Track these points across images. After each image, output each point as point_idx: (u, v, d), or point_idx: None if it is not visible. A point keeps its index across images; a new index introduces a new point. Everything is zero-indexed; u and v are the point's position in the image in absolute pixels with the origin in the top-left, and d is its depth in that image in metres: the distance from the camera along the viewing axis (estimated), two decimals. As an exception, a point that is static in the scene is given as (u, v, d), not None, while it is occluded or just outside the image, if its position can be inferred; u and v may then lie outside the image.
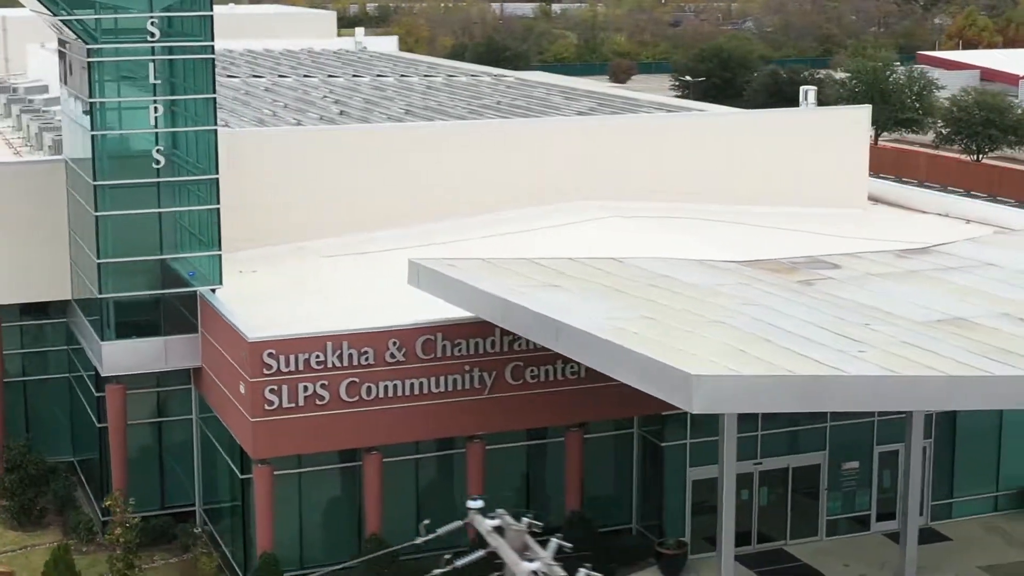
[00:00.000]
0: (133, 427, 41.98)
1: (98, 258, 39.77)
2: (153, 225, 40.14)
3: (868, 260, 41.38)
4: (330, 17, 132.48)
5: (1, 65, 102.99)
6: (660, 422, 40.17)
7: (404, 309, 38.08)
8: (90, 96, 39.10)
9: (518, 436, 40.06)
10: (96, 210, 39.55)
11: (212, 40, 39.85)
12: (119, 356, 40.37)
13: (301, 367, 36.31)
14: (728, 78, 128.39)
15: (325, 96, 67.22)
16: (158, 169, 39.76)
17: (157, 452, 42.61)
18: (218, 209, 40.73)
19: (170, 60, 39.60)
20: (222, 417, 39.21)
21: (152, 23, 39.04)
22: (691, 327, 30.32)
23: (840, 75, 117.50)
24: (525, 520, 22.21)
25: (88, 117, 39.39)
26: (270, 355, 36.00)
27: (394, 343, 36.95)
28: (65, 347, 46.21)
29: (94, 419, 42.73)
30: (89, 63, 38.82)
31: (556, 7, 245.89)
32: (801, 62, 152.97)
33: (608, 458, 41.35)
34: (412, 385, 37.33)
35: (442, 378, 37.56)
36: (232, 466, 38.86)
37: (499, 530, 22.25)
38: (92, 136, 39.14)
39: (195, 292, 40.74)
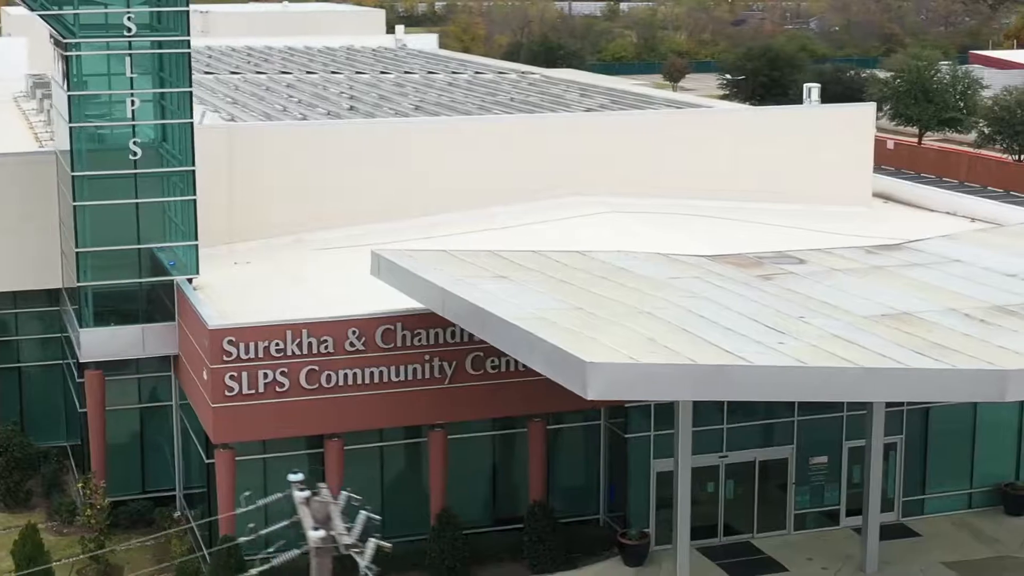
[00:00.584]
0: (115, 413, 43.04)
1: (76, 247, 40.83)
2: (130, 215, 41.11)
3: (836, 256, 41.57)
4: (378, 15, 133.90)
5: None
6: (624, 414, 40.62)
7: (388, 299, 38.65)
8: (68, 89, 40.15)
9: (483, 426, 40.66)
10: (74, 200, 40.61)
11: (188, 35, 40.67)
12: (97, 342, 41.44)
13: (261, 354, 37.15)
14: (776, 77, 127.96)
15: (342, 92, 68.18)
16: (135, 161, 40.71)
17: (138, 437, 43.58)
18: (195, 200, 41.63)
19: (147, 54, 40.51)
20: (192, 403, 40.17)
21: (129, 18, 40.01)
22: (618, 318, 30.78)
23: (884, 74, 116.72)
24: (344, 495, 22.97)
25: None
26: (230, 342, 36.87)
27: (354, 332, 37.69)
28: (59, 335, 47.35)
29: (77, 404, 43.85)
30: (66, 57, 39.87)
31: (624, 6, 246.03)
32: (849, 61, 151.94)
33: (576, 449, 41.84)
34: (372, 373, 38.06)
35: (402, 367, 38.25)
36: (200, 450, 39.79)
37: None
38: (70, 128, 40.19)
39: (172, 281, 41.64)
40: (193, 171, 41.47)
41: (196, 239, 41.71)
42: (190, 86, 41.10)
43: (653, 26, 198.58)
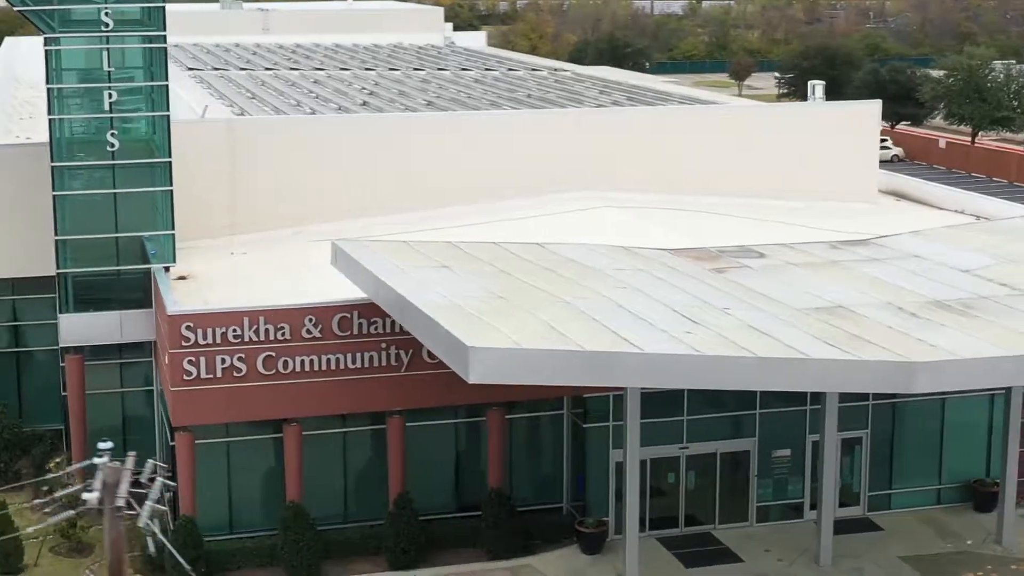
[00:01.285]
0: (99, 396, 44.40)
1: (55, 235, 42.24)
2: (108, 205, 42.43)
3: (797, 250, 42.00)
4: (437, 12, 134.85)
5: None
6: (583, 404, 41.26)
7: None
8: (48, 82, 41.55)
9: (446, 414, 41.47)
10: (53, 189, 42.01)
11: (164, 30, 41.89)
12: (76, 328, 42.83)
13: (219, 340, 38.26)
14: (833, 75, 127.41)
15: (363, 88, 69.31)
16: (113, 152, 42.01)
17: (120, 421, 44.87)
18: (171, 191, 42.85)
19: (124, 49, 41.85)
20: (163, 387, 41.41)
21: (106, 14, 41.30)
22: (533, 306, 31.49)
23: (938, 73, 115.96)
24: (149, 464, 26.60)
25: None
26: (188, 328, 38.02)
27: (310, 320, 38.68)
28: (55, 321, 48.72)
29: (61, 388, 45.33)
30: (46, 51, 41.27)
31: (706, 4, 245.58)
32: (907, 61, 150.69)
33: (539, 439, 42.50)
34: (328, 360, 39.03)
35: (359, 355, 39.18)
36: (167, 433, 41.02)
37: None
38: (49, 120, 41.59)
39: (148, 269, 42.91)
40: (169, 163, 42.63)
41: (172, 229, 42.84)
42: (166, 80, 42.23)
43: (725, 24, 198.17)
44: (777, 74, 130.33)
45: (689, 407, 41.76)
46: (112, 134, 41.97)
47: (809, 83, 61.93)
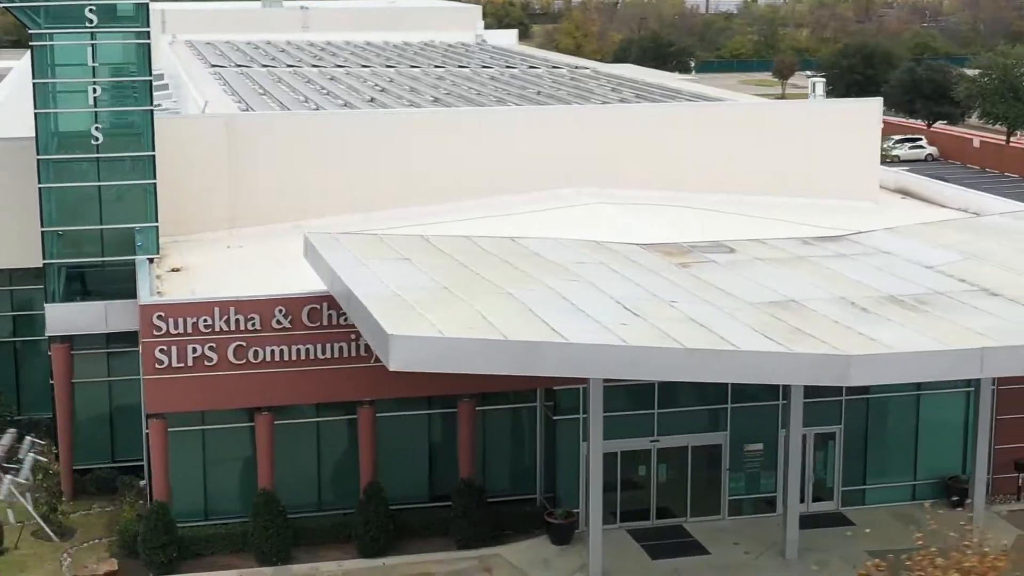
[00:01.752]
0: (86, 385, 45.30)
1: (41, 226, 43.23)
2: (93, 197, 43.37)
3: (768, 246, 42.30)
4: (475, 10, 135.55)
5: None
6: (554, 396, 41.74)
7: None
8: (33, 77, 42.54)
9: (419, 404, 42.06)
10: (39, 182, 43.01)
11: (148, 26, 42.77)
12: (62, 317, 43.71)
13: (190, 330, 39.07)
14: (871, 74, 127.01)
15: (376, 85, 70.06)
16: (97, 146, 42.96)
17: (107, 408, 45.75)
18: (154, 184, 43.74)
19: (107, 45, 42.79)
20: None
21: (90, 10, 42.23)
22: (474, 297, 32.03)
23: (973, 72, 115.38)
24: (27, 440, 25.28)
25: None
26: (159, 317, 38.87)
27: (280, 311, 39.39)
28: (49, 311, 49.88)
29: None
30: (31, 46, 42.26)
31: (762, 2, 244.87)
32: (945, 59, 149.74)
33: (513, 430, 43.00)
34: (298, 351, 39.73)
35: (328, 345, 39.84)
36: (144, 420, 41.87)
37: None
38: (35, 114, 42.58)
39: (132, 260, 43.80)
40: (153, 156, 43.51)
41: (156, 221, 43.73)
42: (150, 75, 43.10)
43: (774, 23, 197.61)
44: (809, 72, 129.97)
45: (660, 401, 42.13)
46: (96, 128, 42.81)
47: (809, 80, 62.24)
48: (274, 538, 39.85)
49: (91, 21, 42.33)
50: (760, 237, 43.82)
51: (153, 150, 43.59)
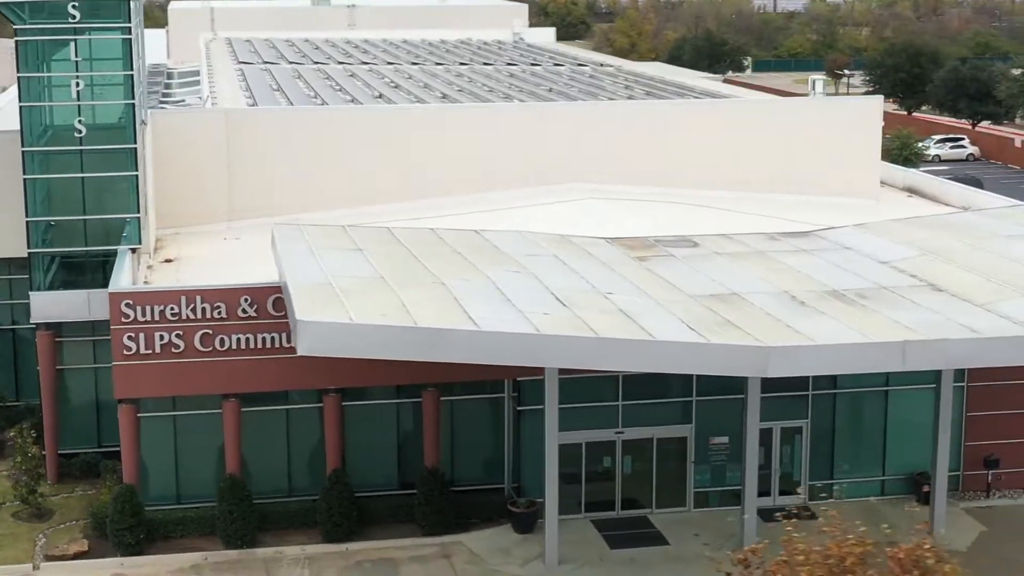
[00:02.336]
0: (73, 371, 46.52)
1: (26, 217, 44.48)
2: (76, 188, 44.56)
3: (734, 240, 42.72)
4: (521, 8, 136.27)
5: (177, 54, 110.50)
6: (518, 387, 42.39)
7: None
8: (18, 71, 43.80)
9: (387, 393, 42.84)
10: (24, 173, 44.26)
11: (129, 22, 43.85)
12: (45, 305, 44.90)
13: (157, 317, 40.11)
14: (917, 73, 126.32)
15: (390, 82, 70.97)
16: (80, 138, 44.14)
17: (93, 395, 46.91)
18: (136, 176, 44.84)
19: (89, 40, 43.94)
20: (118, 362, 43.43)
21: (73, 5, 43.40)
22: (407, 288, 32.79)
23: (1017, 71, 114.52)
24: None
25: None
26: (127, 305, 39.95)
27: (246, 299, 40.31)
28: (49, 299, 51.09)
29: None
30: (16, 41, 43.51)
31: (831, 1, 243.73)
32: (997, 59, 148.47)
33: (481, 420, 43.68)
34: (264, 339, 40.59)
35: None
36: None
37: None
38: (20, 107, 43.84)
39: (115, 250, 44.94)
40: (135, 149, 44.59)
41: (138, 212, 44.81)
42: (132, 69, 44.21)
43: (833, 23, 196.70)
44: (846, 70, 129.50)
45: (624, 393, 42.64)
46: (79, 121, 43.97)
47: (809, 79, 62.07)
48: (239, 522, 40.79)
49: (74, 17, 43.43)
50: (733, 232, 44.21)
51: (135, 142, 44.55)
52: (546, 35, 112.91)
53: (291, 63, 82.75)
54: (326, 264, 35.19)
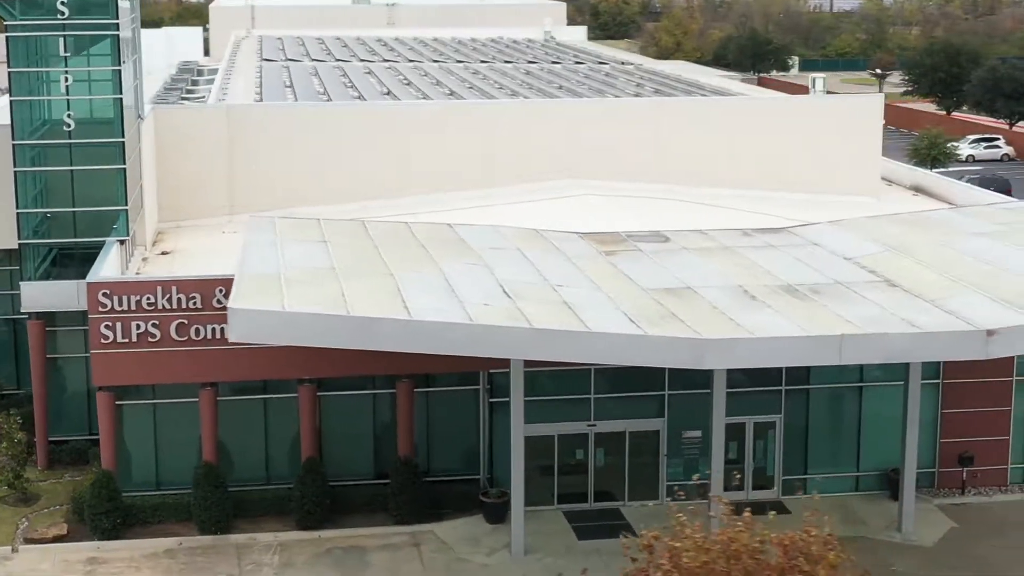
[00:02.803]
0: (65, 360, 47.55)
1: (16, 208, 45.56)
2: (65, 181, 45.60)
3: (707, 236, 43.05)
4: (559, 7, 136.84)
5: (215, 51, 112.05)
6: (491, 379, 42.95)
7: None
8: (9, 66, 44.87)
9: (364, 384, 43.54)
10: (15, 166, 45.32)
11: (117, 18, 44.80)
12: (36, 295, 45.93)
13: (133, 307, 41.01)
14: (956, 72, 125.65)
15: (404, 79, 71.75)
16: (69, 132, 45.17)
17: (84, 383, 47.84)
18: (124, 169, 45.79)
19: (77, 36, 44.91)
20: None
21: (62, 2, 44.39)
22: (353, 279, 33.46)
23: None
24: None
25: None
26: (104, 295, 40.88)
27: (220, 290, 41.02)
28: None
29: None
30: (7, 36, 44.59)
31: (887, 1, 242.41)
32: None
33: (459, 412, 44.23)
34: (238, 329, 41.41)
35: (267, 324, 41.48)
36: (100, 393, 43.94)
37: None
38: (11, 101, 44.92)
39: (103, 241, 45.92)
40: (122, 143, 45.54)
41: (126, 205, 45.77)
42: (119, 65, 45.18)
43: (882, 22, 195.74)
44: (878, 70, 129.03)
45: (596, 386, 43.11)
46: (68, 115, 44.99)
47: (810, 77, 62.22)
48: (214, 508, 41.62)
49: (63, 13, 44.42)
50: (712, 228, 44.56)
51: (123, 136, 45.50)
52: (577, 34, 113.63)
53: (313, 60, 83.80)
54: (284, 255, 35.93)
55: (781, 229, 43.90)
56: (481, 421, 44.18)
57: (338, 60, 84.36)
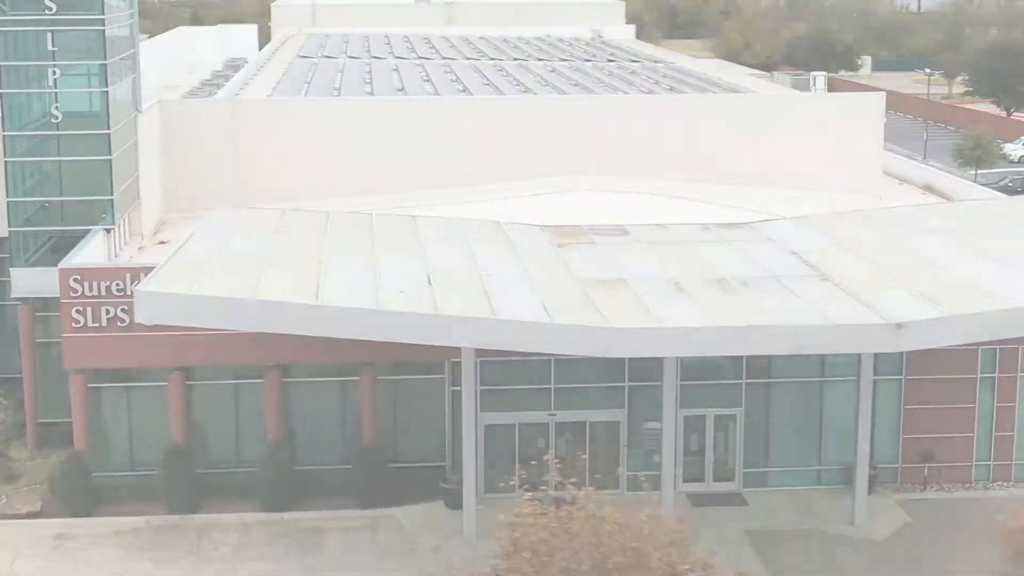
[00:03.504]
0: (56, 344, 49.09)
1: (7, 197, 47.29)
2: (54, 171, 47.26)
3: (665, 230, 43.66)
4: (618, 6, 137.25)
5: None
6: (453, 368, 43.85)
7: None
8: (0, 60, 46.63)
9: (332, 371, 44.62)
10: (4, 156, 47.06)
11: (103, 14, 46.35)
12: (25, 281, 47.61)
13: (103, 292, 42.47)
14: (1018, 74, 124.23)
15: (425, 76, 72.93)
16: (56, 124, 46.81)
17: (74, 368, 49.51)
18: (110, 160, 47.34)
19: (65, 31, 46.54)
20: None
21: (49, -1, 46.16)
22: (281, 267, 34.66)
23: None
24: None
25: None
26: (75, 280, 42.39)
27: (188, 278, 42.46)
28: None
29: (21, 338, 50.27)
30: (-1, 32, 46.40)
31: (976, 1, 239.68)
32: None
33: (424, 400, 45.16)
34: (206, 316, 42.70)
35: (233, 311, 42.73)
36: (89, 377, 45.37)
37: None
38: (1, 94, 46.63)
39: (89, 229, 47.49)
40: (108, 135, 47.09)
41: (112, 195, 47.31)
42: (105, 59, 46.71)
43: (959, 22, 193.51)
44: (928, 69, 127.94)
45: (557, 376, 43.85)
46: (56, 108, 46.62)
47: (811, 75, 62.55)
48: (182, 489, 42.95)
49: (51, 9, 46.05)
50: (673, 222, 45.16)
51: (108, 128, 47.02)
52: (625, 33, 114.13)
53: (352, 57, 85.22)
54: (228, 245, 37.17)
55: (743, 224, 44.33)
56: (446, 409, 45.07)
57: (374, 57, 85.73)
